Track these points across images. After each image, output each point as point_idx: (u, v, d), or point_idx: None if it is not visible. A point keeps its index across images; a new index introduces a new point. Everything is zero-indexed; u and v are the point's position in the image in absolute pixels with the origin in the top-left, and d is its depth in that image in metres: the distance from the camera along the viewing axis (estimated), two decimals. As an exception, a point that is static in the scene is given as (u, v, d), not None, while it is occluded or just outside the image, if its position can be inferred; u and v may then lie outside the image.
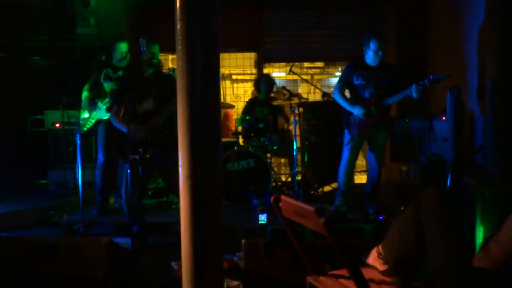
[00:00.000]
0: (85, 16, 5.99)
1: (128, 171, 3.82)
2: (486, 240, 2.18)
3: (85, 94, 5.02)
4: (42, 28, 6.73)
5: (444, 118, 4.71)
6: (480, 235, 3.35)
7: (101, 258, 2.95)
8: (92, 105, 4.95)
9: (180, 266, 3.13)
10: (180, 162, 2.36)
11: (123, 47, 4.99)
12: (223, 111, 7.65)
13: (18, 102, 6.45)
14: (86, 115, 4.99)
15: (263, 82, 6.17)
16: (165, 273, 3.51)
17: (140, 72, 4.13)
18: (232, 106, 7.13)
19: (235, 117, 8.15)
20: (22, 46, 6.66)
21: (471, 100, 4.86)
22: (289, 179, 6.06)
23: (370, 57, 4.55)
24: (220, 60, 2.50)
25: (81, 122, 4.89)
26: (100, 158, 5.03)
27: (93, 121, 4.97)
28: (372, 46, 4.50)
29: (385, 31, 6.73)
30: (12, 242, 3.15)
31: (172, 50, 4.17)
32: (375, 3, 7.29)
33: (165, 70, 5.63)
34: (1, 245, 3.13)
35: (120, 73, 4.97)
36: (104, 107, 4.91)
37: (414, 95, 4.23)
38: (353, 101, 4.60)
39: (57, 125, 6.06)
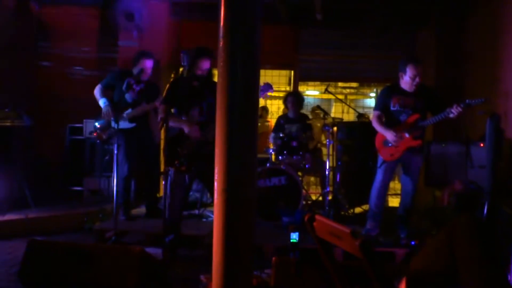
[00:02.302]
0: (128, 29, 6.17)
1: (170, 181, 3.89)
2: None
3: (104, 101, 5.10)
4: (85, 39, 6.96)
5: (482, 145, 4.63)
6: (516, 266, 3.26)
7: (133, 267, 2.99)
8: (114, 115, 4.99)
9: (209, 279, 3.15)
10: (216, 176, 2.40)
11: (149, 64, 5.12)
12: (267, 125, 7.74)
13: (59, 110, 6.65)
14: (98, 124, 5.06)
15: (290, 102, 6.20)
16: (194, 285, 3.53)
17: (183, 85, 4.21)
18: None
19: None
20: (65, 56, 6.89)
21: (510, 127, 4.77)
22: (320, 198, 6.03)
23: (407, 82, 4.50)
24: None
25: (98, 130, 5.00)
26: (125, 171, 5.12)
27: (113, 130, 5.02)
28: (409, 72, 4.43)
29: (423, 54, 6.70)
30: (48, 247, 3.23)
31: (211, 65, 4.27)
32: (413, 26, 7.25)
33: None
34: (38, 248, 3.22)
35: (142, 85, 5.08)
36: (127, 118, 5.04)
37: (453, 116, 4.17)
38: (387, 126, 4.55)
39: (94, 134, 6.19)
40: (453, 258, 2.14)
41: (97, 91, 5.18)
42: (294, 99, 6.23)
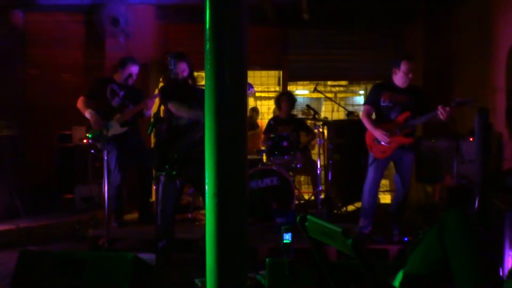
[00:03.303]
0: (114, 35, 6.13)
1: (161, 186, 3.86)
2: None
3: (90, 112, 5.02)
4: (71, 46, 6.92)
5: (471, 139, 4.66)
6: (508, 260, 3.28)
7: (126, 273, 2.97)
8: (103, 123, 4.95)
9: (203, 283, 3.14)
10: (207, 180, 2.39)
11: (134, 69, 5.12)
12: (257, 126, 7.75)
13: (47, 117, 6.61)
14: (91, 136, 5.03)
15: (284, 101, 6.19)
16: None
17: (171, 89, 4.20)
18: (256, 127, 7.21)
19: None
20: (53, 63, 6.85)
21: (499, 122, 4.80)
22: (312, 197, 6.04)
23: (400, 78, 4.55)
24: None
25: (91, 141, 4.98)
26: (117, 179, 5.09)
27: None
28: (403, 67, 4.50)
29: (411, 52, 6.73)
30: (40, 256, 3.20)
31: (198, 68, 4.27)
32: (400, 23, 7.28)
33: None
34: (30, 259, 3.19)
35: (126, 90, 5.07)
36: (118, 123, 5.01)
37: (441, 117, 4.21)
38: (377, 124, 4.58)
39: (84, 141, 6.16)
40: (445, 254, 2.16)
41: (81, 104, 5.12)
42: (287, 98, 6.23)
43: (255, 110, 8.41)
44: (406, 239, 4.52)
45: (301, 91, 9.90)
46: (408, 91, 4.56)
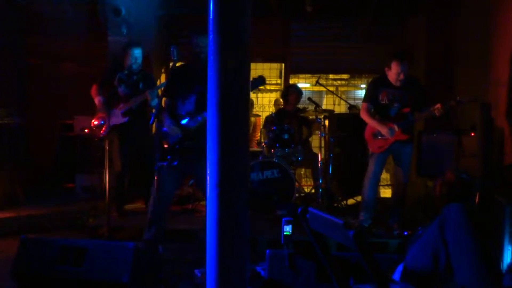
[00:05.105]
0: (116, 25, 6.12)
1: (161, 175, 3.85)
2: None
3: (99, 99, 5.06)
4: (75, 36, 6.90)
5: (473, 134, 4.66)
6: (508, 254, 3.29)
7: (126, 262, 2.99)
8: (108, 112, 4.96)
9: (203, 273, 3.15)
10: (208, 171, 2.39)
11: (137, 52, 5.09)
12: (252, 120, 7.71)
13: (49, 107, 6.61)
14: (95, 121, 5.04)
15: (292, 94, 6.17)
16: (188, 280, 3.54)
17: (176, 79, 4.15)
18: (258, 115, 7.18)
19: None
20: (55, 53, 6.84)
21: (500, 116, 4.79)
22: (313, 190, 6.04)
23: (391, 77, 4.55)
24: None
25: (95, 128, 4.99)
26: (118, 167, 5.07)
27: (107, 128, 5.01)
28: (393, 68, 4.48)
29: (412, 44, 6.70)
30: (41, 244, 3.21)
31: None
32: (403, 16, 7.25)
33: None
34: (31, 246, 3.20)
35: (134, 78, 5.04)
36: (120, 112, 4.99)
37: (436, 114, 4.24)
38: (381, 120, 4.57)
39: (86, 130, 6.16)
40: (446, 247, 2.16)
41: (93, 91, 5.15)
42: (295, 91, 6.22)
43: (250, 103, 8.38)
44: (406, 233, 4.53)
45: (303, 84, 9.89)
46: (405, 86, 4.54)
